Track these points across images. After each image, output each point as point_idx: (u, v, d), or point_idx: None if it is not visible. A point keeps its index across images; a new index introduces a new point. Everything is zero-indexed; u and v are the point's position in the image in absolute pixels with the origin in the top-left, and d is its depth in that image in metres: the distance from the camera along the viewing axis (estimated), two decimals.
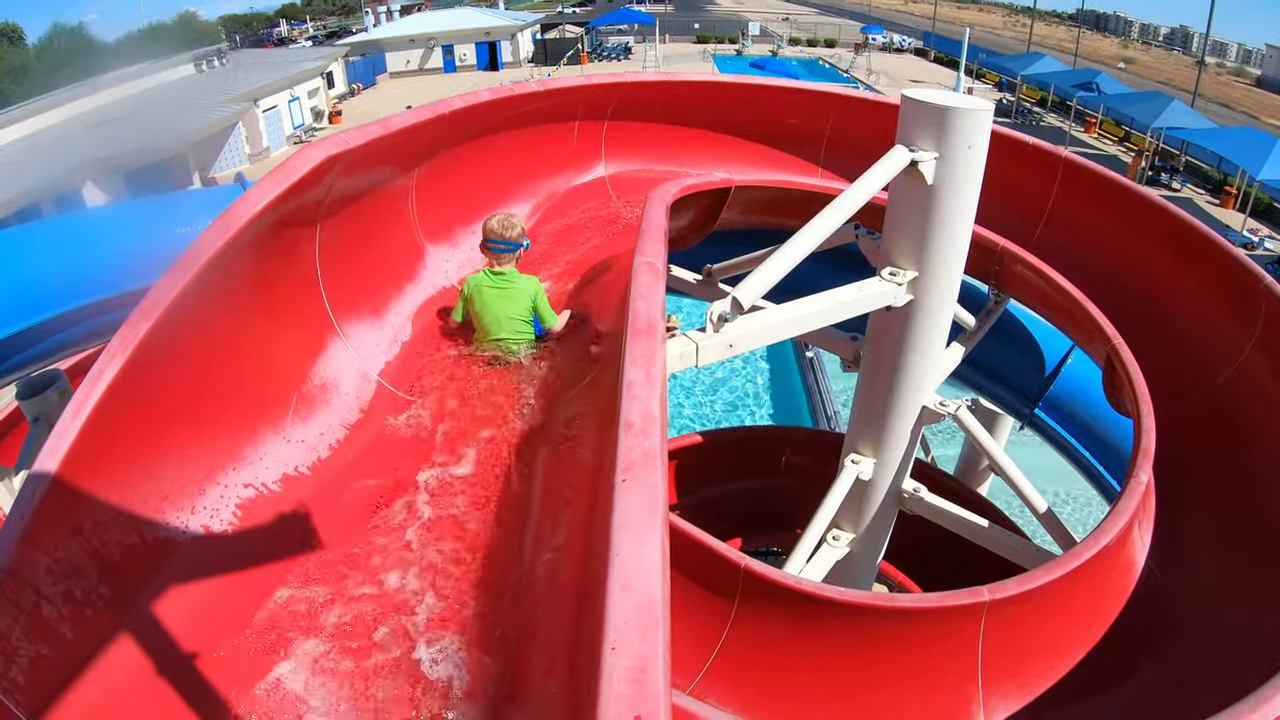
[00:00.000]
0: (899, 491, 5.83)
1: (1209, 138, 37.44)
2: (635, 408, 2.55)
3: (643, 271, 3.46)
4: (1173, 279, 6.18)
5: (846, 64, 66.62)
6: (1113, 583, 4.62)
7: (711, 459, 8.53)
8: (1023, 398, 7.67)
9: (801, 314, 4.45)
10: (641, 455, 2.35)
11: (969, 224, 4.68)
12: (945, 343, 5.25)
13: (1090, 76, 47.97)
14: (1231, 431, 5.42)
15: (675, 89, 7.08)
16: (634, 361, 2.79)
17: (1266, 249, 33.19)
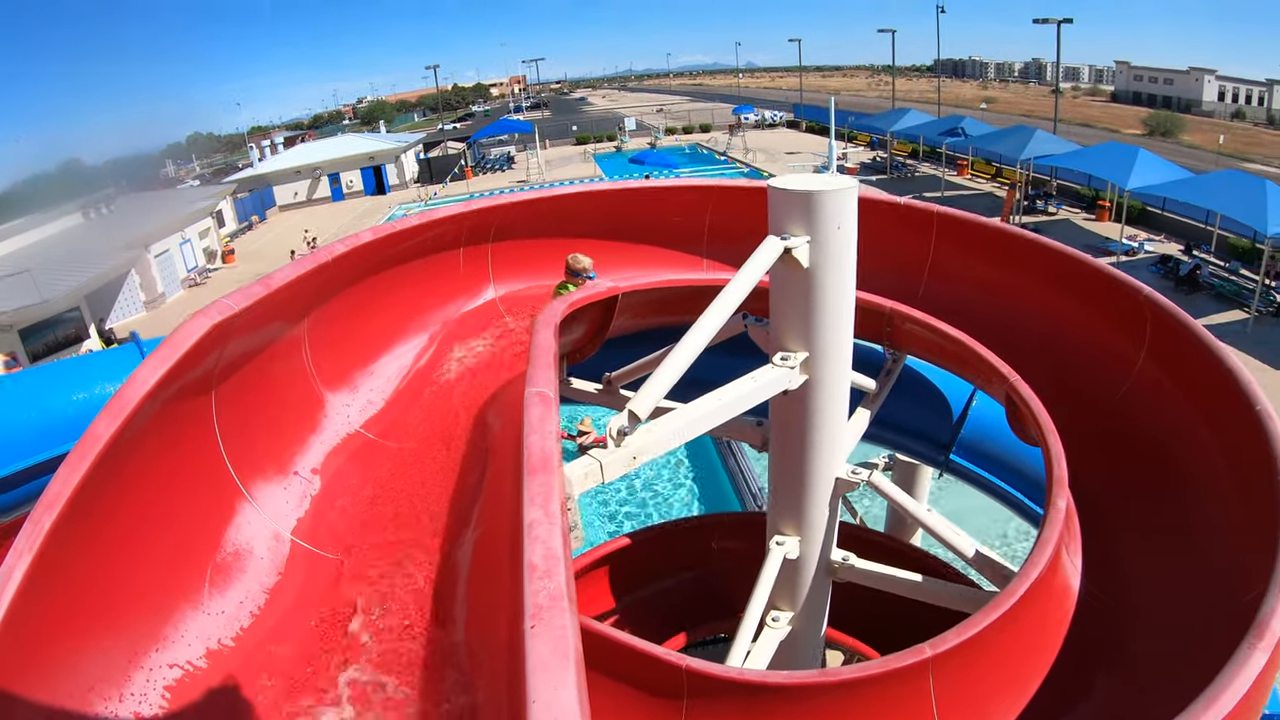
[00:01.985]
0: (828, 563, 5.87)
1: (1075, 159, 39.34)
2: (537, 549, 2.56)
3: (534, 403, 3.50)
4: (1057, 307, 6.49)
5: (723, 146, 68.72)
6: (1053, 610, 4.69)
7: (642, 559, 8.45)
8: (937, 446, 7.83)
9: (701, 413, 4.52)
10: (548, 598, 2.36)
11: (850, 298, 4.85)
12: (848, 415, 5.38)
13: (955, 122, 50.24)
14: (1140, 439, 5.64)
15: (553, 204, 7.24)
16: (532, 500, 2.80)
17: (1148, 251, 34.98)
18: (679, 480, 19.82)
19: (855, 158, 58.41)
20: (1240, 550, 4.28)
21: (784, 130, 79.10)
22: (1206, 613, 4.29)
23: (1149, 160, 34.32)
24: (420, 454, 4.77)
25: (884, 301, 6.47)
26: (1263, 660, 3.25)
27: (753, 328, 5.67)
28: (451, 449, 4.76)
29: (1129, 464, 5.66)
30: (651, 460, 14.77)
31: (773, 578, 5.51)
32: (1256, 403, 4.61)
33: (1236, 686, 3.13)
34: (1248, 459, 4.49)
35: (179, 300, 41.35)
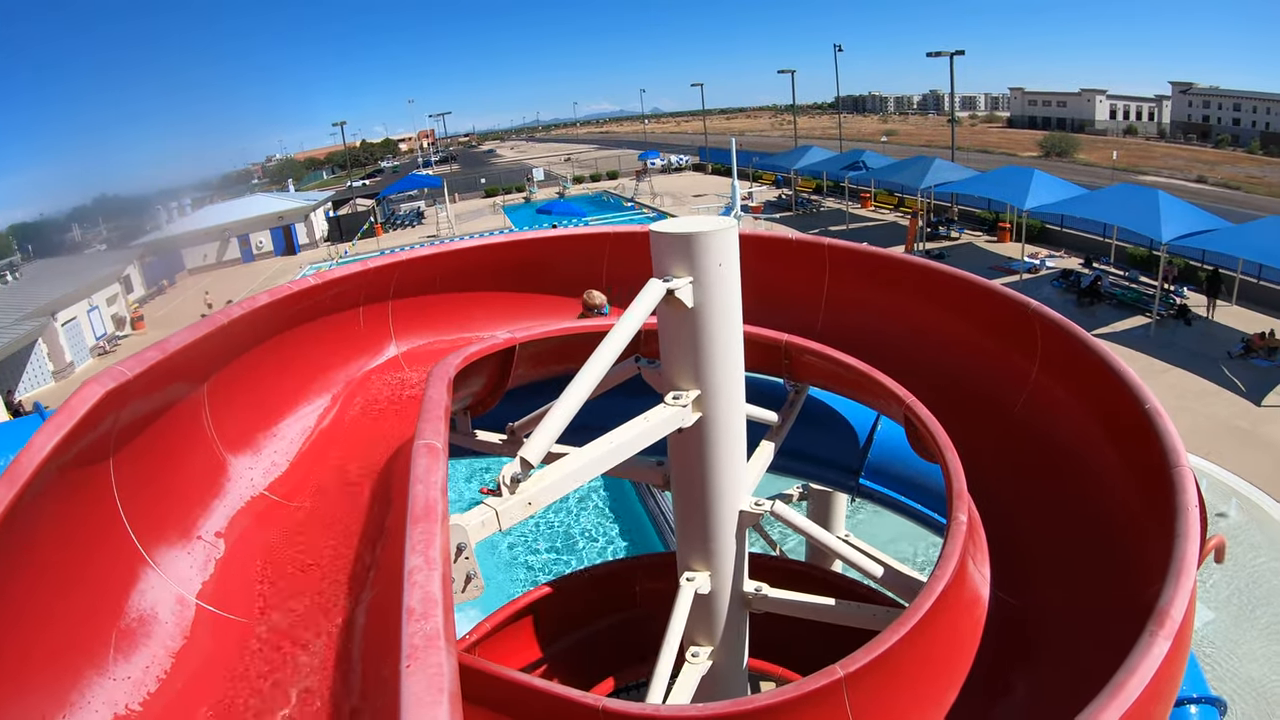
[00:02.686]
0: (742, 595, 5.93)
1: (974, 184, 40.98)
2: (415, 593, 2.62)
3: (420, 454, 3.55)
4: (952, 327, 6.73)
5: (630, 192, 69.50)
6: (963, 620, 4.79)
7: (566, 606, 8.42)
8: (847, 472, 7.96)
9: (595, 456, 4.59)
10: (424, 639, 2.42)
11: (738, 335, 4.97)
12: (747, 449, 5.48)
13: (857, 156, 51.90)
14: (1041, 447, 5.83)
15: (452, 258, 7.27)
16: (414, 548, 2.87)
17: (1049, 267, 36.53)
18: (603, 524, 19.82)
19: (760, 196, 59.94)
20: (1142, 546, 4.42)
21: (690, 173, 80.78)
22: (1114, 608, 4.40)
23: (1045, 180, 35.93)
24: (324, 514, 4.73)
25: (779, 335, 6.61)
26: (1165, 647, 3.33)
27: (645, 369, 5.78)
28: (355, 507, 4.72)
29: (1033, 472, 5.85)
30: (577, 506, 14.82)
31: (685, 614, 5.55)
32: (1146, 402, 4.76)
33: (1142, 673, 3.20)
34: (1142, 457, 4.65)
35: (88, 369, 40.26)
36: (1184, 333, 28.21)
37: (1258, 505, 18.20)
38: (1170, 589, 3.61)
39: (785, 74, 78.48)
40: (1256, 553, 16.72)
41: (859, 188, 54.56)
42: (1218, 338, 27.37)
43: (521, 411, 6.67)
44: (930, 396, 5.87)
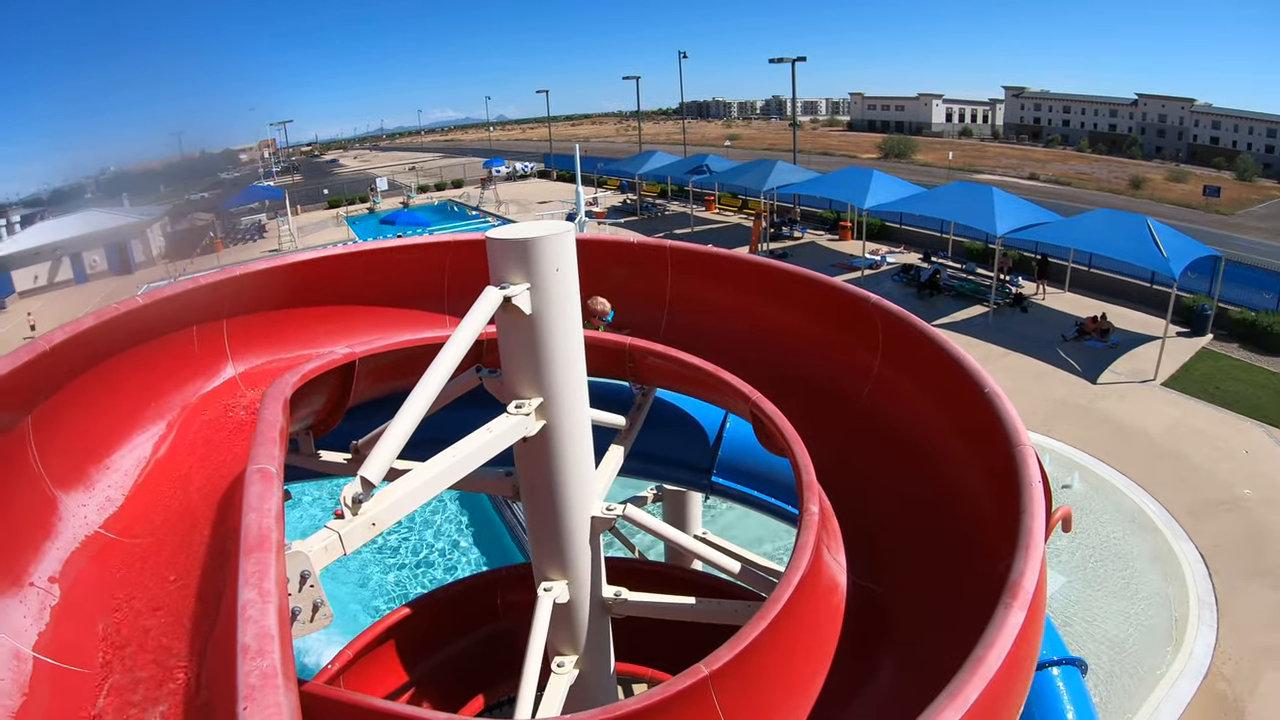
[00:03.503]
0: (601, 601, 5.90)
1: (816, 185, 42.23)
2: (250, 629, 2.49)
3: (253, 480, 3.38)
4: (796, 324, 6.83)
5: (476, 200, 68.75)
6: (822, 609, 4.85)
7: (428, 625, 8.24)
8: (698, 471, 8.03)
9: (438, 471, 4.46)
10: (260, 677, 2.31)
11: (578, 340, 4.92)
12: (594, 454, 5.43)
13: (701, 160, 52.55)
14: (890, 436, 5.96)
15: (290, 272, 6.95)
16: (247, 581, 2.73)
17: (890, 263, 37.95)
18: (460, 540, 19.55)
19: (605, 202, 60.27)
20: (992, 524, 4.54)
21: (536, 180, 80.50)
22: (970, 585, 4.49)
23: (883, 180, 37.39)
24: (165, 549, 4.43)
25: (622, 338, 6.61)
26: (1020, 617, 3.43)
27: (487, 379, 5.66)
28: (196, 540, 4.45)
29: (882, 460, 5.98)
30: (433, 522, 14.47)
31: (545, 624, 5.47)
32: (985, 386, 4.91)
33: (1000, 645, 3.28)
34: (985, 439, 4.79)
35: None
36: (1020, 320, 29.76)
37: (1099, 475, 19.30)
38: (1020, 561, 3.73)
39: (630, 80, 79.02)
40: (1101, 519, 17.72)
41: (703, 191, 55.56)
42: (1053, 323, 28.99)
43: (368, 429, 6.46)
44: (777, 392, 5.95)
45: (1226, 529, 17.03)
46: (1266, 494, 18.15)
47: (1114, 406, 22.64)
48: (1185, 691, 13.15)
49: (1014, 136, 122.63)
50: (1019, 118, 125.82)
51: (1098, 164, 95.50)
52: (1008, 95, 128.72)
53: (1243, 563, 15.98)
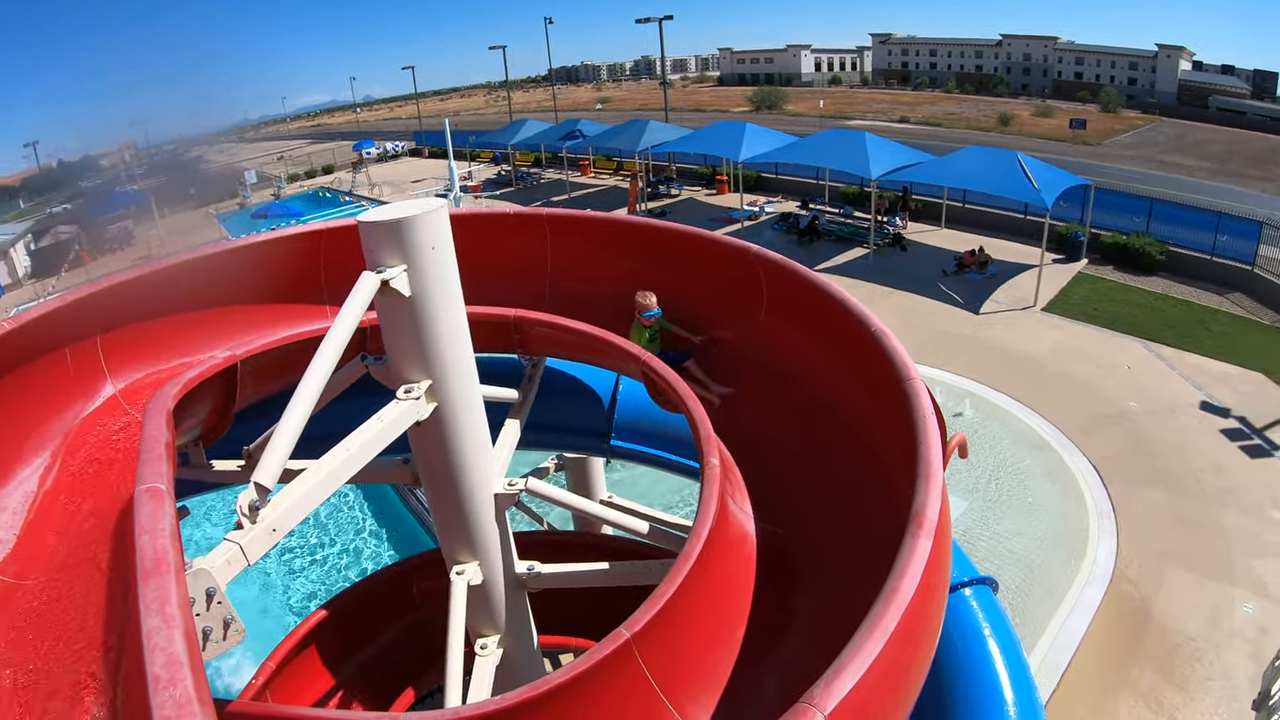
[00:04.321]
0: (516, 578, 5.86)
1: (690, 142, 42.46)
2: (158, 658, 2.40)
3: (143, 501, 3.26)
4: (681, 281, 6.83)
5: (348, 185, 67.10)
6: (734, 559, 4.89)
7: (347, 624, 8.09)
8: (597, 436, 8.07)
9: (334, 467, 4.34)
10: (174, 708, 2.24)
11: (461, 316, 4.83)
12: (490, 431, 5.38)
13: (573, 125, 52.36)
14: (784, 383, 6.03)
15: (159, 278, 6.61)
16: (149, 608, 2.63)
17: (769, 213, 38.52)
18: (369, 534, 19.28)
19: (480, 175, 59.55)
20: (891, 458, 4.63)
21: (407, 159, 78.97)
22: (875, 519, 4.59)
23: (756, 132, 37.84)
24: (65, 585, 4.20)
25: (506, 311, 6.53)
26: (928, 545, 3.50)
27: (373, 368, 5.54)
28: (96, 571, 4.24)
29: (778, 407, 6.06)
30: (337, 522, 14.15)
31: (463, 607, 5.42)
32: (871, 325, 4.98)
33: (911, 574, 3.36)
34: (875, 378, 4.86)
35: None
36: (901, 258, 30.61)
37: (989, 401, 20.11)
38: (922, 491, 3.81)
39: (497, 50, 78.28)
40: (996, 442, 18.50)
41: (578, 156, 55.49)
42: (932, 259, 29.91)
43: (260, 431, 6.24)
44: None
45: (1115, 441, 17.93)
46: (1150, 405, 19.16)
47: (998, 334, 23.52)
48: (1093, 598, 13.87)
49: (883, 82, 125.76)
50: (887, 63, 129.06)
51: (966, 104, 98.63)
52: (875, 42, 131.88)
53: (1134, 471, 16.87)
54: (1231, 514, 15.58)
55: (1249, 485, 16.33)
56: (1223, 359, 21.35)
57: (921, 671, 3.73)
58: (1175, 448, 17.66)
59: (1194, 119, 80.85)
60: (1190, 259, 27.32)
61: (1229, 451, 17.43)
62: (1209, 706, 11.79)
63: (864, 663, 3.06)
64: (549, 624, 7.14)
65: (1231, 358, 21.37)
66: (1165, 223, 28.82)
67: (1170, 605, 13.67)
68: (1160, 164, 59.21)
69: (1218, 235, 27.09)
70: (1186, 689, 12.13)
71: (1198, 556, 14.63)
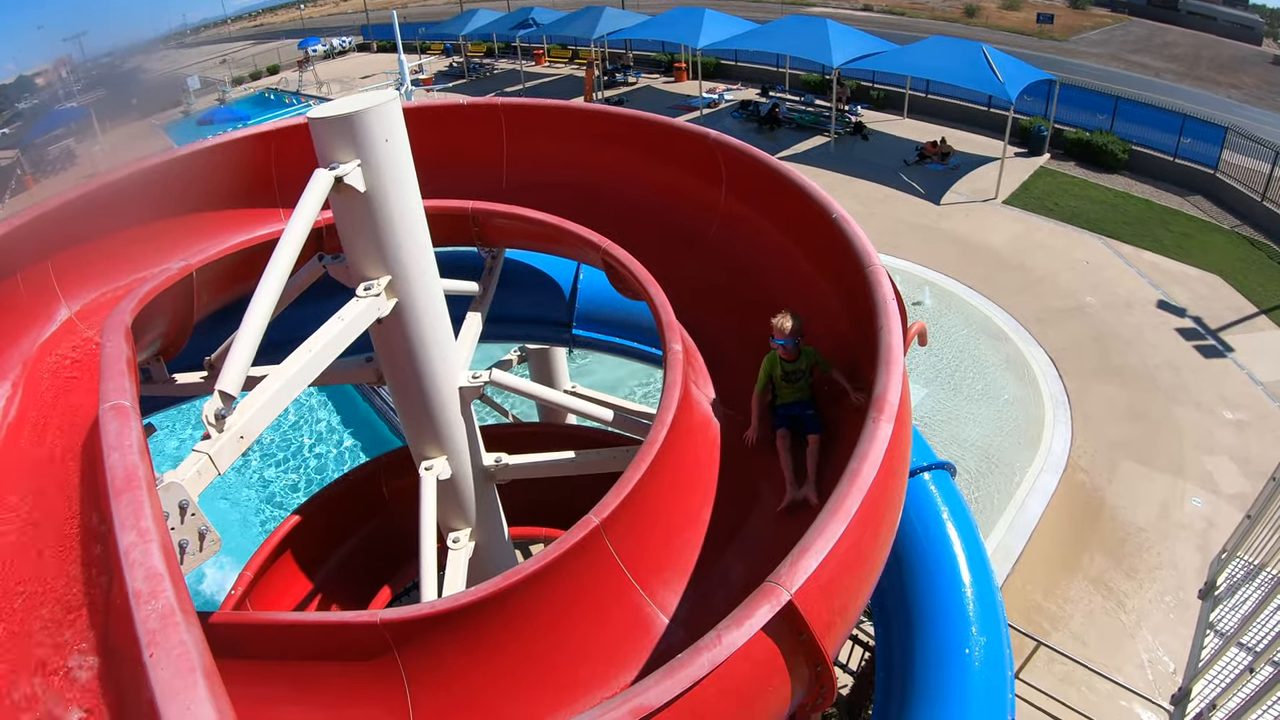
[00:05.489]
0: (484, 470, 5.93)
1: (646, 28, 41.18)
2: (137, 573, 2.44)
3: (108, 419, 3.25)
4: (636, 168, 6.78)
5: (295, 85, 64.94)
6: (699, 443, 4.97)
7: (320, 529, 8.17)
8: (558, 326, 8.13)
9: (297, 370, 4.33)
10: (159, 619, 2.27)
11: (418, 210, 4.78)
12: (451, 326, 5.37)
13: (526, 14, 50.57)
14: (740, 270, 6.03)
15: (105, 193, 6.43)
16: (123, 525, 2.67)
17: (728, 100, 37.88)
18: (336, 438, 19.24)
19: (431, 68, 57.65)
20: (853, 346, 4.72)
21: (355, 55, 76.02)
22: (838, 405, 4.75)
23: (716, 18, 36.75)
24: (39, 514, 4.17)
25: (464, 203, 6.46)
26: (889, 429, 3.59)
27: (331, 266, 5.49)
28: (68, 496, 4.23)
29: (738, 294, 6.05)
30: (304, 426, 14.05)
31: (433, 502, 5.49)
32: (832, 211, 4.97)
33: (873, 457, 3.45)
34: (836, 264, 4.90)
35: None
36: (862, 147, 30.32)
37: (948, 290, 20.22)
38: (883, 377, 3.87)
39: None
40: (955, 331, 18.68)
41: (531, 45, 53.80)
42: (893, 149, 29.67)
43: (220, 341, 6.19)
44: (627, 239, 5.93)
45: (1072, 334, 18.16)
46: (1107, 300, 19.38)
47: (958, 225, 23.55)
48: (1048, 484, 14.22)
49: None
50: None
51: None
52: None
53: (1090, 364, 17.15)
54: (1185, 410, 15.93)
55: (1202, 383, 16.65)
56: (1181, 259, 21.44)
57: (883, 552, 3.85)
58: (1131, 344, 17.92)
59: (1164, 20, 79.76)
60: (1153, 160, 27.22)
61: (1184, 350, 17.70)
62: (1156, 594, 12.24)
63: (828, 543, 3.16)
64: (519, 516, 7.23)
65: (1189, 259, 21.46)
66: (1129, 122, 28.56)
67: (1122, 496, 14.07)
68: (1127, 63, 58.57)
69: (1181, 138, 26.86)
70: (1135, 576, 12.57)
71: (1150, 450, 15.02)
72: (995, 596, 6.49)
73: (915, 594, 6.49)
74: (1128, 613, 11.99)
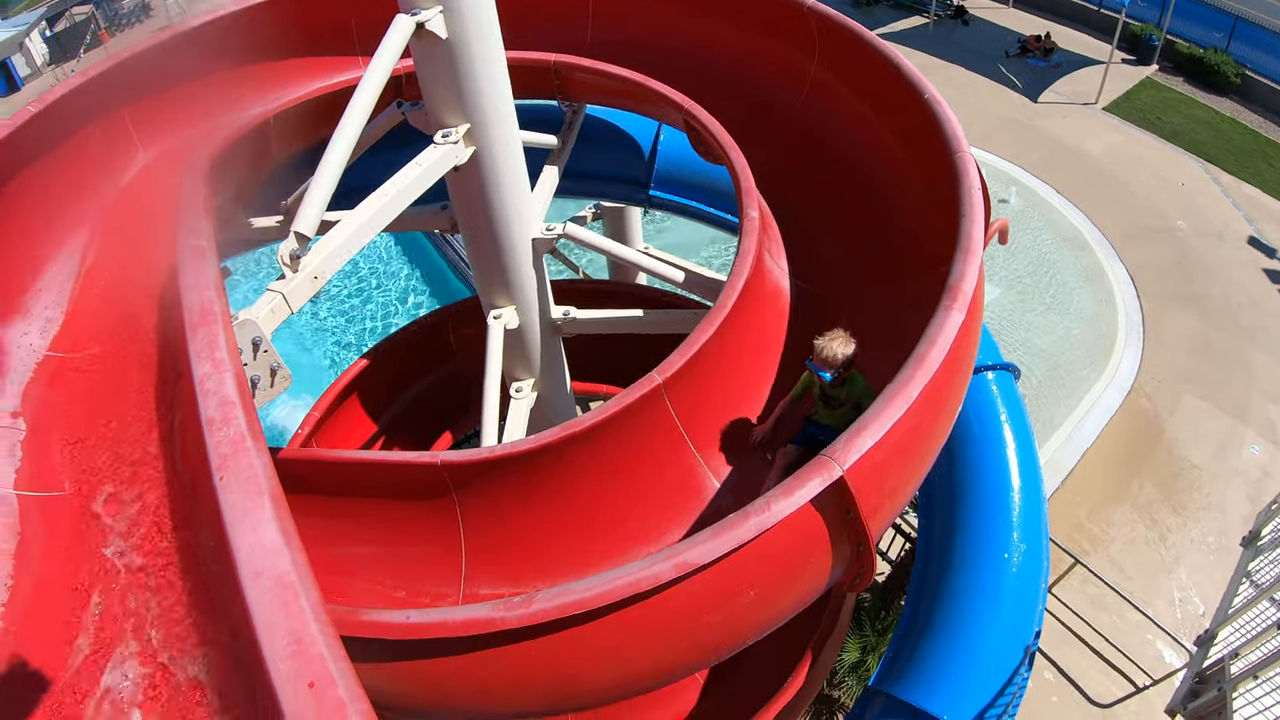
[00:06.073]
0: (551, 323, 6.01)
1: None
2: (210, 402, 2.55)
3: (186, 259, 3.35)
4: (724, 31, 6.62)
5: None
6: (768, 311, 4.97)
7: (387, 373, 8.38)
8: (636, 185, 8.06)
9: (373, 213, 4.39)
10: (230, 445, 2.37)
11: (500, 59, 4.72)
12: (528, 176, 5.35)
13: None
14: (827, 143, 5.93)
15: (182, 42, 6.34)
16: (198, 355, 2.77)
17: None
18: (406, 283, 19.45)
19: None
20: (930, 230, 4.61)
21: None
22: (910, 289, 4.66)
23: None
24: (116, 353, 4.39)
25: (546, 56, 6.35)
26: (960, 318, 3.56)
27: (410, 114, 5.46)
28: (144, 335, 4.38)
29: (820, 168, 5.97)
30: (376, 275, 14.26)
31: (498, 351, 5.59)
32: (925, 91, 4.82)
33: (941, 343, 3.43)
34: (923, 145, 4.76)
35: None
36: (962, 32, 28.89)
37: (1035, 192, 19.52)
38: (960, 265, 3.82)
39: None
40: (1037, 235, 18.11)
41: None
42: (994, 38, 28.19)
43: (296, 188, 6.26)
44: (711, 102, 5.81)
45: (1158, 255, 17.48)
46: (1198, 226, 18.51)
47: (1054, 125, 22.57)
48: (1110, 403, 14.00)
49: None
50: None
51: None
52: None
53: (1171, 289, 16.54)
54: (1259, 354, 15.33)
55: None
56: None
57: (938, 441, 3.84)
58: (1216, 276, 17.13)
59: None
60: (1267, 88, 25.20)
61: (1269, 292, 16.85)
62: (1199, 534, 12.11)
63: (885, 424, 3.16)
64: (581, 372, 7.37)
65: None
66: (1247, 44, 26.81)
67: (1182, 429, 13.78)
68: None
69: None
70: (1182, 513, 12.42)
71: (1218, 388, 14.57)
72: (1041, 507, 6.50)
73: (963, 492, 6.52)
74: (1168, 548, 11.94)
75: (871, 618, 8.81)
